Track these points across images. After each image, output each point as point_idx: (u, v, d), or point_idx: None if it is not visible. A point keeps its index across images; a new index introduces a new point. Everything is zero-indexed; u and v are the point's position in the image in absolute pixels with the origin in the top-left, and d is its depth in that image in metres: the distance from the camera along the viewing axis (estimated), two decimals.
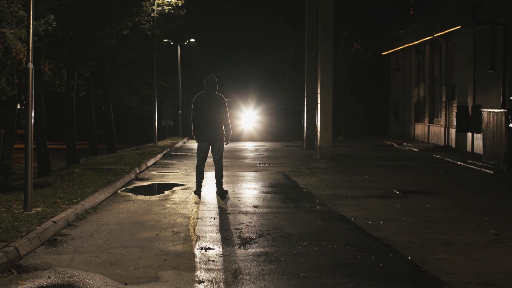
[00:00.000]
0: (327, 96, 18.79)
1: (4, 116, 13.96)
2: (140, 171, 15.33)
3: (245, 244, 7.35)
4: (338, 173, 14.94)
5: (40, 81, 16.69)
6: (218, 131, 11.23)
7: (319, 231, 8.11)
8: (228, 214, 9.41)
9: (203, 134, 11.25)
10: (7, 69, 11.17)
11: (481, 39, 19.41)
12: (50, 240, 7.50)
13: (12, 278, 5.97)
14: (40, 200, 9.71)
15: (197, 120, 11.26)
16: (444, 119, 22.69)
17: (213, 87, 11.27)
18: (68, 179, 12.61)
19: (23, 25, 10.43)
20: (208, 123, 11.15)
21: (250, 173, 15.27)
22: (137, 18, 19.81)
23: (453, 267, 6.38)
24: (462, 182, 13.25)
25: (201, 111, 11.19)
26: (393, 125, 30.31)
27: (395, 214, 9.38)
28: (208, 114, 11.13)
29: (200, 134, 11.30)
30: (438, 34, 22.06)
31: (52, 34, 14.12)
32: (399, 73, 29.10)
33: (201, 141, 11.33)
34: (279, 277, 6.00)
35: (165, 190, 12.18)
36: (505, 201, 10.79)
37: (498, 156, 15.39)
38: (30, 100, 8.84)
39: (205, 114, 11.15)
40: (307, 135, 23.31)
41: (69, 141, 19.15)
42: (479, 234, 7.98)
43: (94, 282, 5.83)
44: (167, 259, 6.65)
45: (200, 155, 11.41)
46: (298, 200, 10.76)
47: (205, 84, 11.34)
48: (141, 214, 9.34)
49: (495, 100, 18.09)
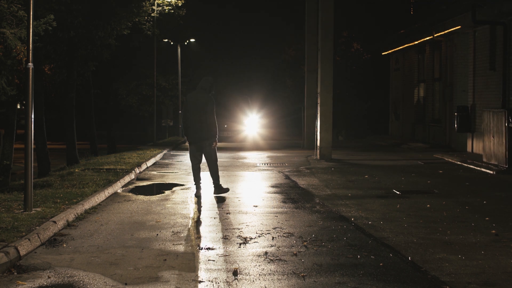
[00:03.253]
0: (327, 96, 18.79)
1: (4, 116, 13.98)
2: (140, 171, 15.33)
3: (245, 244, 7.35)
4: (338, 173, 14.93)
5: (40, 81, 16.69)
6: (204, 133, 11.03)
7: (319, 231, 8.11)
8: (228, 214, 9.41)
9: (191, 135, 11.18)
10: (7, 69, 11.17)
11: (481, 39, 19.41)
12: (50, 240, 7.50)
13: (12, 278, 5.97)
14: (40, 200, 9.71)
15: (185, 121, 11.21)
16: (444, 119, 22.69)
17: (204, 88, 11.14)
18: (68, 179, 12.61)
19: (23, 25, 10.43)
20: (194, 124, 11.03)
21: (250, 173, 15.27)
22: (137, 18, 19.79)
23: (453, 267, 6.38)
24: (462, 182, 13.24)
25: (188, 112, 11.12)
26: (393, 125, 30.30)
27: (395, 214, 9.38)
28: (194, 115, 11.01)
29: (188, 135, 11.25)
30: (438, 34, 22.06)
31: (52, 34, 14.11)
32: (399, 73, 29.09)
33: (190, 143, 11.25)
34: (279, 277, 6.00)
35: (165, 190, 12.18)
36: (505, 201, 10.79)
37: (498, 156, 15.39)
38: (30, 100, 8.84)
39: (191, 115, 11.05)
40: (307, 135, 23.32)
41: (69, 141, 19.14)
42: (479, 234, 7.98)
43: (94, 282, 5.83)
44: (167, 259, 6.65)
45: (191, 158, 11.32)
46: (298, 200, 10.76)
47: (198, 85, 11.35)
48: (141, 214, 9.34)
49: (495, 100, 18.09)
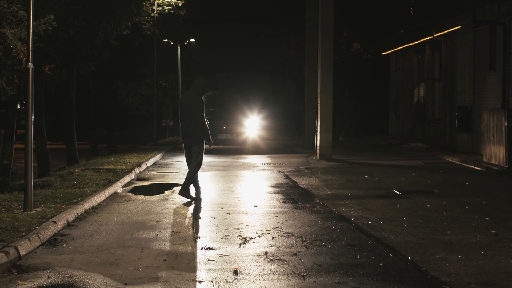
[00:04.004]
0: (327, 96, 18.79)
1: (4, 116, 13.96)
2: (140, 171, 15.33)
3: (245, 244, 7.35)
4: (338, 173, 14.93)
5: (40, 81, 16.68)
6: (193, 135, 10.87)
7: (319, 231, 8.11)
8: (228, 213, 9.41)
9: (182, 136, 11.14)
10: (7, 69, 11.16)
11: (481, 39, 19.41)
12: (50, 240, 7.50)
13: (12, 278, 5.97)
14: (40, 200, 9.72)
15: (179, 122, 11.19)
16: (444, 119, 22.68)
17: (196, 88, 10.97)
18: (68, 179, 12.61)
19: (23, 25, 10.42)
20: (186, 125, 10.93)
21: (250, 172, 15.27)
22: (137, 18, 19.78)
23: (453, 267, 6.38)
24: (462, 182, 13.24)
25: (181, 113, 11.05)
26: (393, 125, 30.29)
27: (395, 214, 9.39)
28: (184, 116, 10.93)
29: (181, 136, 11.24)
30: (438, 34, 22.05)
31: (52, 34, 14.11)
32: (399, 73, 29.07)
33: (183, 144, 11.20)
34: (279, 277, 6.00)
35: (165, 190, 12.18)
36: (505, 201, 10.79)
37: (498, 156, 15.39)
38: (30, 100, 8.85)
39: (182, 116, 10.98)
40: (307, 135, 23.30)
41: (69, 141, 19.13)
42: (479, 234, 7.98)
43: (94, 282, 5.83)
44: (167, 259, 6.65)
45: (186, 159, 11.21)
46: (298, 200, 10.76)
47: (191, 85, 11.25)
48: (141, 214, 9.34)
49: (495, 100, 18.09)
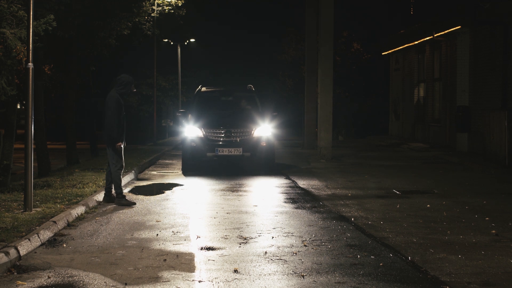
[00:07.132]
0: (327, 96, 18.79)
1: (4, 116, 13.95)
2: (140, 171, 15.32)
3: (245, 244, 7.35)
4: (338, 173, 14.93)
5: (40, 81, 16.68)
6: (105, 135, 10.26)
7: (319, 231, 8.11)
8: (228, 213, 9.41)
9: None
10: (7, 69, 11.15)
11: (481, 39, 19.41)
12: (50, 240, 7.50)
13: (12, 278, 5.97)
14: (40, 200, 9.72)
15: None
16: (444, 119, 22.69)
17: (116, 86, 10.31)
18: (68, 179, 12.61)
19: (23, 25, 10.41)
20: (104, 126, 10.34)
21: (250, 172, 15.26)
22: (137, 18, 19.78)
23: (453, 267, 6.37)
24: (462, 182, 13.24)
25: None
26: (393, 125, 30.30)
27: (395, 214, 9.38)
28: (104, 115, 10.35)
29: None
30: (438, 34, 22.06)
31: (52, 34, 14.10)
32: (399, 73, 29.09)
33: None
34: (279, 277, 6.00)
35: (165, 190, 12.18)
36: (505, 201, 10.79)
37: (498, 156, 15.39)
38: (30, 100, 8.85)
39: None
40: (307, 135, 23.31)
41: (69, 141, 19.13)
42: (479, 234, 7.98)
43: (94, 282, 5.83)
44: (167, 259, 6.65)
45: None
46: (298, 200, 10.76)
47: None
48: (141, 214, 9.34)
49: (495, 100, 18.09)
